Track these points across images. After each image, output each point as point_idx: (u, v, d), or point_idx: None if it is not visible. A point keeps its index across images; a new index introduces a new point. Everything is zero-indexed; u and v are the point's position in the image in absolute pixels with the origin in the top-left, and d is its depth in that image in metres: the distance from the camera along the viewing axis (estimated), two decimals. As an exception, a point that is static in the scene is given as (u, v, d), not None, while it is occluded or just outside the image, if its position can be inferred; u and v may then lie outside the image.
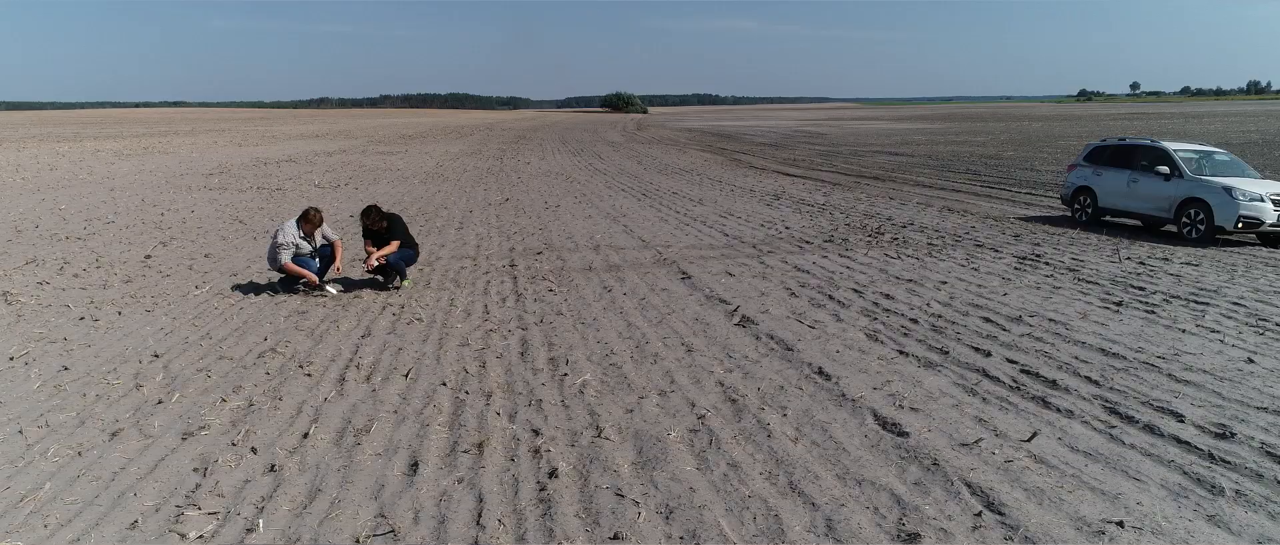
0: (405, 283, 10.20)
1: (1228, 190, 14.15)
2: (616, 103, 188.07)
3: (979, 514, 4.43)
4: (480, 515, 4.42)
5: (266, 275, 10.88)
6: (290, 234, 9.55)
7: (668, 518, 4.41)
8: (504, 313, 8.97)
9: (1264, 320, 8.71)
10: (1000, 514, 4.41)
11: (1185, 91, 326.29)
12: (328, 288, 9.83)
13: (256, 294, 9.76)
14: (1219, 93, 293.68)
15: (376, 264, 9.82)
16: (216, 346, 7.59)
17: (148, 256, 12.16)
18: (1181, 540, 4.16)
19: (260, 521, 4.31)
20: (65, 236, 14.07)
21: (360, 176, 26.52)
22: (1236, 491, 4.71)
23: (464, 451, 5.26)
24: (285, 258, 9.51)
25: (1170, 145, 15.96)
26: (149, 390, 6.35)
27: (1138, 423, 5.77)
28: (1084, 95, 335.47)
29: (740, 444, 5.41)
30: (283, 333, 8.08)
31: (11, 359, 7.14)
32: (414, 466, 5.04)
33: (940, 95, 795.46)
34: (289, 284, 9.84)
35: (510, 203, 20.06)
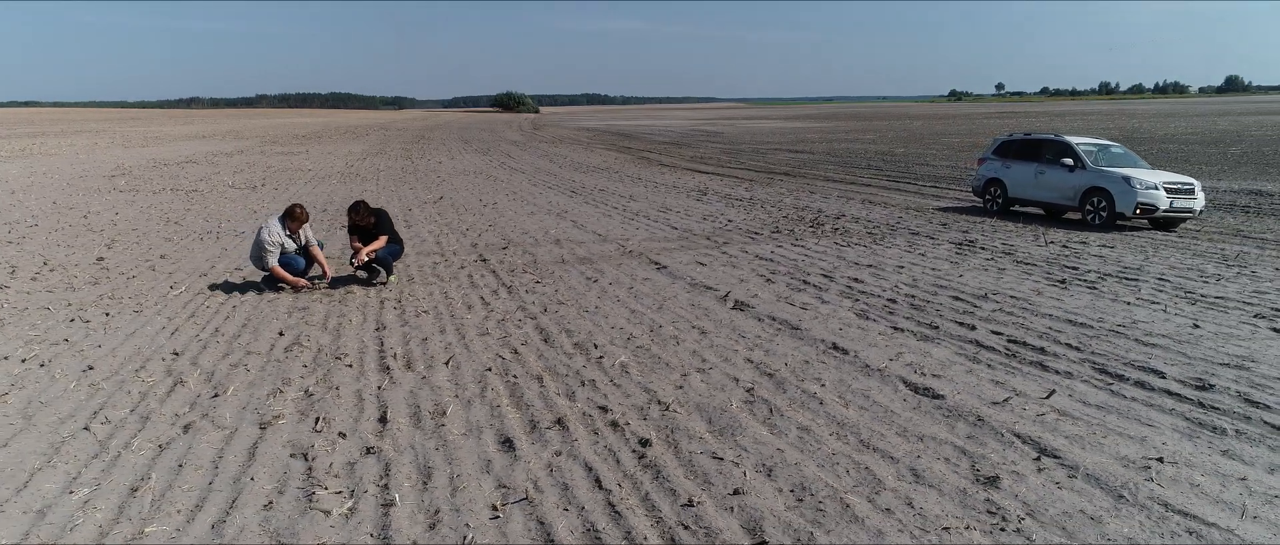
0: (391, 278, 10.21)
1: (1127, 180, 15.55)
2: (508, 102, 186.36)
3: (1037, 458, 5.01)
4: (599, 481, 4.71)
5: (240, 274, 10.68)
6: (275, 232, 9.44)
7: (770, 475, 4.81)
8: (504, 304, 9.15)
9: (1191, 292, 9.76)
10: (1056, 457, 5.00)
11: (1044, 92, 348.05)
12: (315, 282, 9.75)
13: (241, 292, 9.61)
14: (1074, 93, 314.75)
15: (366, 260, 9.81)
16: (234, 343, 7.51)
17: (100, 259, 11.68)
18: (1212, 471, 4.84)
19: (396, 496, 4.47)
20: (-11, 241, 13.30)
21: (273, 177, 25.74)
22: (1236, 431, 5.47)
23: (547, 428, 5.51)
24: (272, 261, 9.38)
25: (1072, 140, 17.37)
26: (194, 385, 6.30)
27: (1129, 380, 6.53)
28: (954, 95, 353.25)
29: (798, 411, 5.85)
30: (295, 328, 8.05)
31: (24, 361, 6.91)
32: (507, 443, 5.26)
33: (822, 95, 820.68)
34: (274, 281, 9.71)
35: (445, 201, 19.97)
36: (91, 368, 6.72)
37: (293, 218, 9.56)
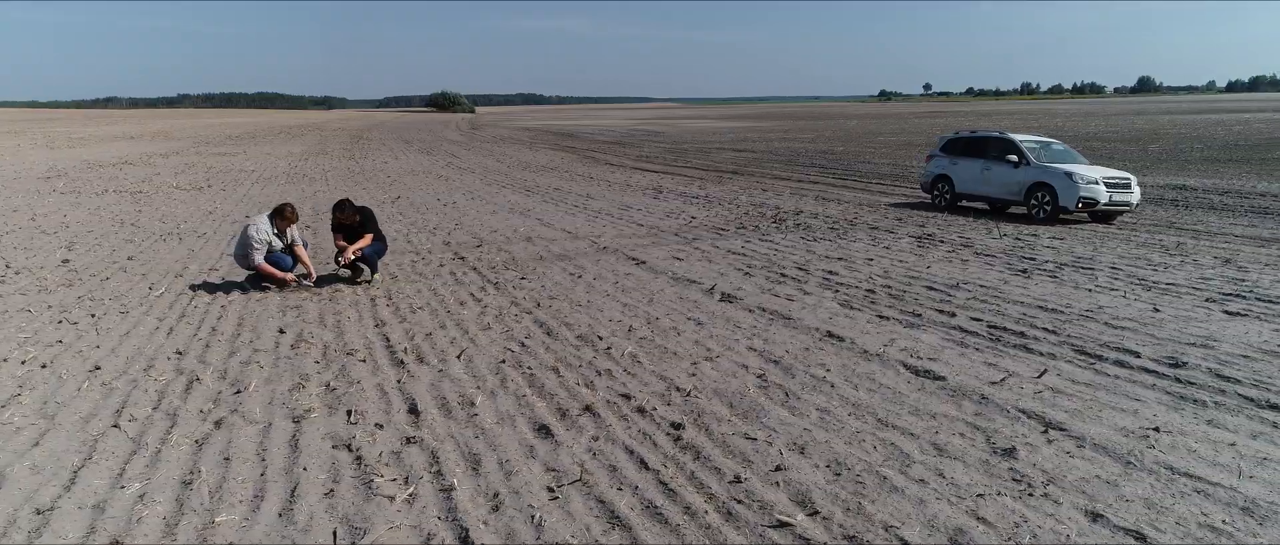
0: (376, 276, 10.20)
1: (1069, 175, 16.32)
2: (443, 102, 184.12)
3: (1045, 431, 5.37)
4: (644, 462, 4.90)
5: (217, 274, 10.55)
6: (264, 230, 9.36)
7: (803, 452, 5.06)
8: (495, 300, 9.25)
9: (1143, 280, 10.37)
10: (1062, 430, 5.37)
11: (970, 92, 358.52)
12: (302, 281, 9.71)
13: (225, 292, 9.50)
14: (998, 93, 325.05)
15: (352, 258, 9.80)
16: (236, 341, 7.48)
17: (65, 261, 11.39)
18: (1203, 438, 5.26)
19: (453, 481, 4.60)
20: (-62, 244, 12.82)
21: (217, 179, 25.17)
22: (1215, 403, 5.93)
23: (578, 416, 5.67)
24: (258, 258, 9.30)
25: (1016, 137, 18.14)
26: (211, 383, 6.29)
27: (1108, 360, 6.98)
28: (885, 95, 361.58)
29: (812, 393, 6.13)
30: (294, 325, 8.03)
31: (23, 362, 6.78)
32: (543, 430, 5.41)
33: (756, 96, 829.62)
34: (257, 279, 9.63)
35: (403, 201, 19.86)
36: (98, 368, 6.64)
37: (282, 216, 9.51)
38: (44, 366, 6.69)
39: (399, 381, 6.39)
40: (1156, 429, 5.37)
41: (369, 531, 4.03)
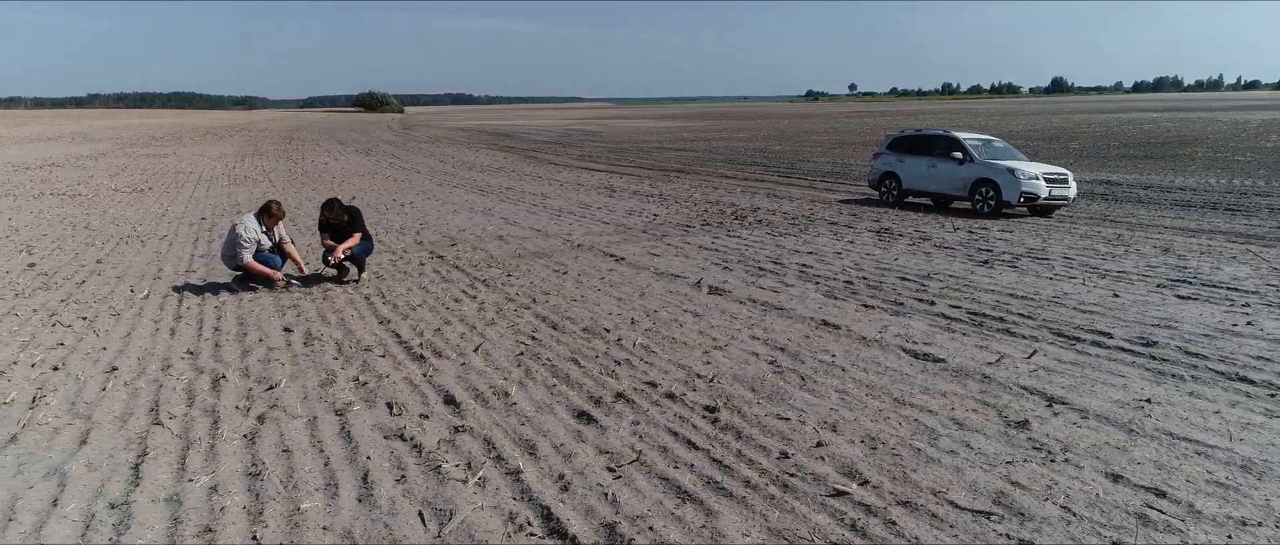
0: (363, 276, 10.22)
1: (1011, 171, 17.12)
2: (371, 102, 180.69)
3: (1049, 404, 5.82)
4: (691, 441, 5.17)
5: (195, 275, 10.43)
6: (252, 229, 9.32)
7: (836, 430, 5.40)
8: (490, 297, 9.39)
9: (1096, 268, 11.05)
10: (1065, 403, 5.82)
11: (893, 92, 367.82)
12: (291, 281, 9.69)
13: (213, 293, 9.42)
14: (921, 93, 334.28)
15: (341, 257, 9.81)
16: (245, 341, 7.48)
17: (31, 265, 11.08)
18: (1190, 408, 5.77)
19: (517, 464, 4.79)
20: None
21: (157, 181, 24.50)
22: (1192, 377, 6.47)
23: (612, 402, 5.90)
24: (247, 256, 9.25)
25: (961, 135, 18.92)
26: (237, 381, 6.32)
27: (1085, 341, 7.50)
28: (812, 95, 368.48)
29: (826, 377, 6.47)
30: (298, 324, 8.05)
31: (33, 365, 6.69)
32: (584, 416, 5.63)
33: (685, 95, 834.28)
34: (245, 280, 9.57)
35: (358, 202, 19.64)
36: (114, 368, 6.60)
37: (268, 214, 9.46)
38: (55, 369, 6.62)
39: (425, 375, 6.52)
40: (1148, 401, 5.87)
41: (455, 513, 4.20)
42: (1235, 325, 7.97)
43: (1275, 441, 5.15)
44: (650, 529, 4.06)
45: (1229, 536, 3.99)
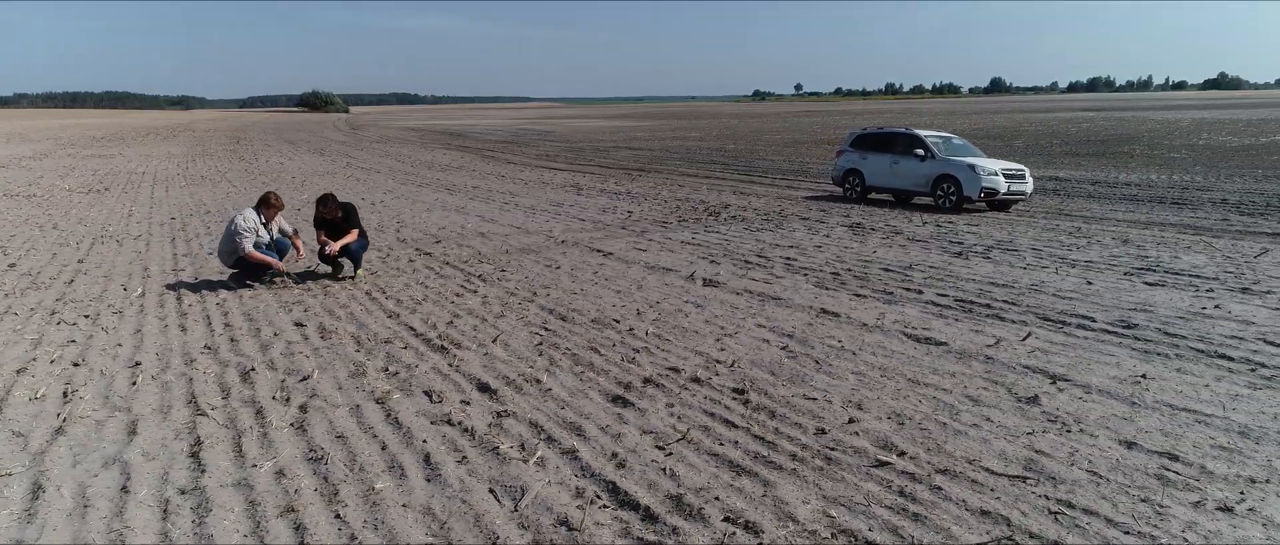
0: (358, 272, 10.26)
1: (972, 167, 17.73)
2: (315, 102, 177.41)
3: (1053, 382, 6.20)
4: (729, 422, 5.41)
5: (189, 273, 10.36)
6: (251, 220, 9.31)
7: (861, 408, 5.69)
8: (491, 291, 9.52)
9: (1064, 258, 11.59)
10: (1067, 381, 6.21)
11: (838, 92, 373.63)
12: (288, 277, 9.69)
13: (211, 291, 9.39)
14: (865, 93, 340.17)
15: (336, 252, 9.84)
16: (259, 336, 7.52)
17: (12, 265, 10.88)
18: (1181, 383, 6.20)
19: (572, 444, 4.98)
20: None
21: (112, 181, 23.98)
22: (1175, 354, 6.93)
23: (642, 387, 6.12)
24: (248, 246, 9.23)
25: (922, 133, 19.51)
26: (266, 374, 6.38)
27: (1071, 325, 7.94)
28: (759, 95, 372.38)
29: (839, 361, 6.78)
30: (309, 319, 8.10)
31: (52, 361, 6.66)
32: (619, 400, 5.84)
33: (633, 95, 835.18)
34: (242, 277, 9.55)
35: (327, 200, 19.48)
36: (138, 363, 6.61)
37: (267, 205, 9.47)
38: (76, 365, 6.60)
39: (451, 365, 6.65)
40: (1143, 376, 6.29)
41: (526, 489, 4.38)
42: (1205, 309, 8.49)
43: (1264, 410, 5.58)
44: (716, 499, 4.29)
45: (1242, 493, 4.37)
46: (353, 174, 27.56)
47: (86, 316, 8.19)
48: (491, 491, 4.39)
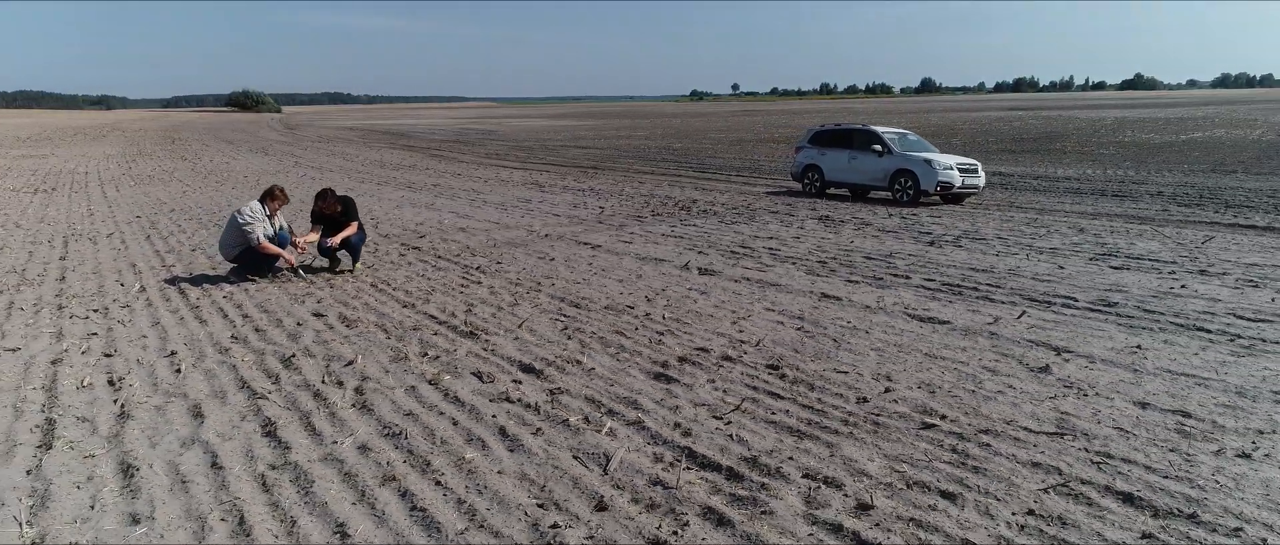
0: (357, 266, 10.31)
1: (928, 162, 18.41)
2: (245, 101, 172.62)
3: (1059, 354, 6.67)
4: (773, 393, 5.73)
5: (181, 268, 10.28)
6: (259, 212, 9.30)
7: (891, 379, 6.07)
8: (494, 282, 9.68)
9: (1030, 245, 12.23)
10: (1070, 352, 6.69)
11: (774, 92, 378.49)
12: (298, 272, 9.71)
13: (213, 285, 9.35)
14: (800, 93, 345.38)
15: (335, 246, 9.88)
16: (282, 326, 7.58)
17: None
18: (1173, 353, 6.73)
19: (633, 415, 5.23)
20: None
21: (57, 181, 23.27)
22: (1158, 327, 7.49)
23: (679, 364, 6.40)
24: (260, 235, 9.21)
25: (879, 129, 20.16)
26: (306, 361, 6.48)
27: (1056, 304, 8.48)
28: (696, 95, 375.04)
29: (855, 339, 7.16)
30: (326, 310, 8.17)
31: (83, 352, 6.65)
32: (660, 377, 6.11)
33: (571, 95, 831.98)
34: (243, 271, 9.53)
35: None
36: (173, 352, 6.64)
37: (273, 197, 9.47)
38: (107, 355, 6.60)
39: (486, 349, 6.84)
40: (1139, 346, 6.81)
41: (611, 455, 4.63)
42: (1172, 289, 9.12)
43: (1253, 373, 6.13)
44: (789, 459, 4.60)
45: (1254, 442, 4.85)
46: (305, 173, 27.17)
47: (96, 311, 8.12)
48: (577, 458, 4.62)
